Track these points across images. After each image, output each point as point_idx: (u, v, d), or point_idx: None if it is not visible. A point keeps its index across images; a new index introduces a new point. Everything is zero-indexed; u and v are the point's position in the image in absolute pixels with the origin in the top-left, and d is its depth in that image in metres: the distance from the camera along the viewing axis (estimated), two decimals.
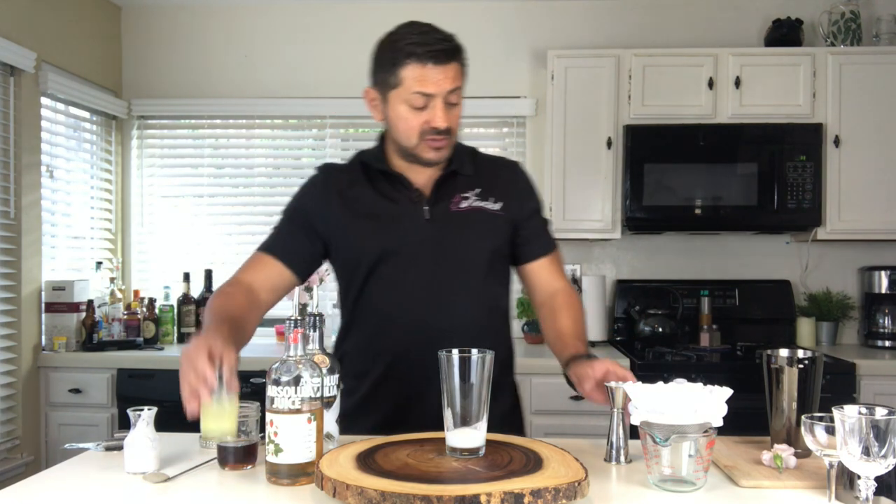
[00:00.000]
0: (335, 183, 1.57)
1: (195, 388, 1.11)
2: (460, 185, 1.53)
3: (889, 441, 0.94)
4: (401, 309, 1.49)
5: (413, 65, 1.41)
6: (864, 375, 2.76)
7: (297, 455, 1.13)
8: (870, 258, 3.35)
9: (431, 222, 1.50)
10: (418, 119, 1.44)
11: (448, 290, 1.48)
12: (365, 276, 1.51)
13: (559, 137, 3.13)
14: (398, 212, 1.51)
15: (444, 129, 1.43)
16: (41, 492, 1.15)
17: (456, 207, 1.51)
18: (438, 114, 1.42)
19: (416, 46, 1.41)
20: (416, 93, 1.42)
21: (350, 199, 1.54)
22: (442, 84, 1.41)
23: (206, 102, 3.56)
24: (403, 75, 1.42)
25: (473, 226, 1.51)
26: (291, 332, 1.17)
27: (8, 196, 2.82)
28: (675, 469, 1.13)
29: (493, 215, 1.53)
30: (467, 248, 1.50)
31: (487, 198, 1.53)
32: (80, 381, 2.92)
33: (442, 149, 1.47)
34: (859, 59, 3.07)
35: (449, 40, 1.44)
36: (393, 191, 1.53)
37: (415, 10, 3.61)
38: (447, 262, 1.48)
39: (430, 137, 1.45)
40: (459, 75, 1.45)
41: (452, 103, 1.45)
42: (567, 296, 1.59)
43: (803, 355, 1.31)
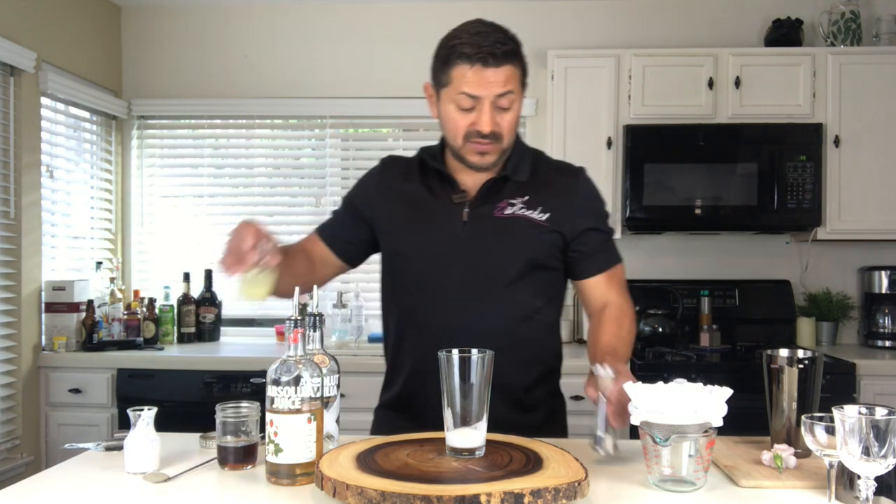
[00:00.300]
0: (390, 175, 1.59)
1: (239, 255, 1.26)
2: (509, 191, 1.50)
3: (889, 441, 0.94)
4: (427, 308, 1.49)
5: (462, 65, 1.38)
6: (864, 375, 2.76)
7: (297, 455, 1.13)
8: (870, 258, 3.35)
9: (468, 225, 1.48)
10: (465, 120, 1.42)
11: (474, 294, 1.46)
12: (399, 271, 1.54)
13: (559, 137, 3.13)
14: (438, 211, 1.51)
15: (488, 133, 1.41)
16: (41, 492, 1.15)
17: (499, 213, 1.48)
18: (484, 117, 1.40)
19: (466, 47, 1.39)
20: (462, 93, 1.39)
21: (399, 193, 1.55)
22: (490, 87, 1.38)
23: (206, 102, 3.56)
24: (453, 75, 1.40)
25: (511, 233, 1.47)
26: (291, 332, 1.17)
27: (8, 196, 2.82)
28: (675, 469, 1.13)
29: (536, 225, 1.48)
30: (499, 254, 1.47)
31: (535, 207, 1.49)
32: (80, 381, 2.92)
33: (487, 154, 1.44)
34: (859, 59, 3.07)
35: (503, 43, 1.39)
36: (440, 190, 1.53)
37: (415, 10, 3.63)
38: (477, 266, 1.46)
39: (474, 140, 1.42)
40: (513, 79, 1.40)
41: (503, 108, 1.41)
42: (616, 309, 1.53)
43: (803, 355, 1.31)
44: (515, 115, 1.45)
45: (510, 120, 1.43)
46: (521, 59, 1.44)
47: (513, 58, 1.40)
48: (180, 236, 3.59)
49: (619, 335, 1.48)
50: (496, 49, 1.38)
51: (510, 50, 1.40)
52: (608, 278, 1.55)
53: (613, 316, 1.52)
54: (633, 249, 3.46)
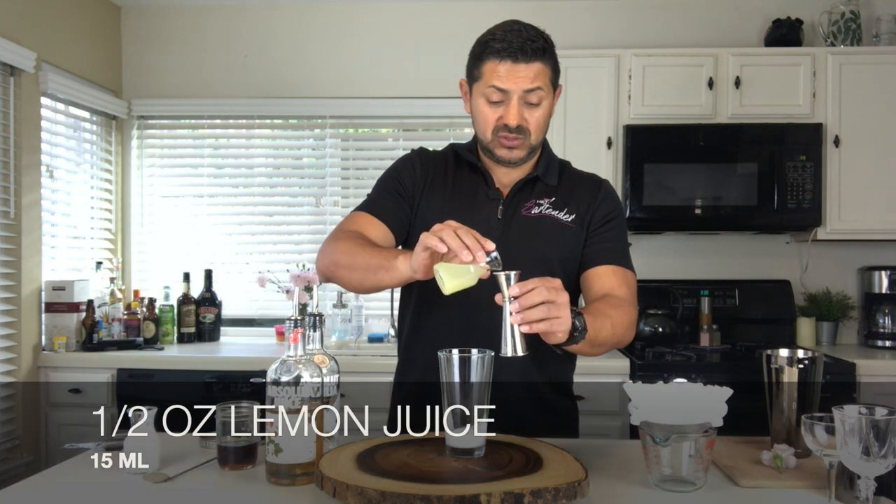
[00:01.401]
0: (429, 165, 1.60)
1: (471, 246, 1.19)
2: (538, 192, 1.54)
3: (889, 441, 0.94)
4: (459, 305, 1.47)
5: (493, 60, 1.43)
6: (864, 375, 2.76)
7: (297, 455, 1.13)
8: (870, 258, 3.35)
9: (502, 223, 1.51)
10: (494, 114, 1.46)
11: None
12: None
13: (559, 137, 3.13)
14: (474, 206, 1.52)
15: (515, 126, 1.44)
16: (41, 492, 1.15)
17: (527, 212, 1.51)
18: (511, 110, 1.43)
19: (498, 43, 1.44)
20: (492, 87, 1.43)
21: (437, 184, 1.56)
22: (518, 82, 1.42)
23: (206, 102, 3.56)
24: (484, 69, 1.45)
25: (540, 232, 1.50)
26: (291, 332, 1.17)
27: (8, 196, 2.82)
28: (675, 469, 1.13)
29: (563, 226, 1.51)
30: (530, 253, 1.48)
31: (562, 208, 1.52)
32: (80, 381, 2.92)
33: (514, 148, 1.47)
34: (859, 59, 3.07)
35: (534, 41, 1.44)
36: (474, 186, 1.55)
37: (415, 10, 3.63)
38: (509, 264, 1.47)
39: (502, 134, 1.46)
40: (542, 76, 1.43)
41: (532, 103, 1.44)
42: (618, 300, 1.44)
43: (803, 355, 1.31)
44: (545, 112, 1.47)
45: (539, 117, 1.46)
46: (553, 58, 1.47)
47: (543, 55, 1.44)
48: (180, 236, 3.59)
49: (606, 321, 1.35)
50: (527, 45, 1.43)
51: (540, 48, 1.44)
52: (617, 274, 1.50)
53: (612, 304, 1.42)
54: (633, 249, 3.43)
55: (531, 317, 1.16)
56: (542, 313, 1.16)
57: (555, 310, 1.17)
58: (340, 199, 3.57)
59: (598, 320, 1.32)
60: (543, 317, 1.16)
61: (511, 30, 1.46)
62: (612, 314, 1.37)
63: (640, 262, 3.53)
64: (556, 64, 1.49)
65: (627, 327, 1.42)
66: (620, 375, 2.78)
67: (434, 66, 3.37)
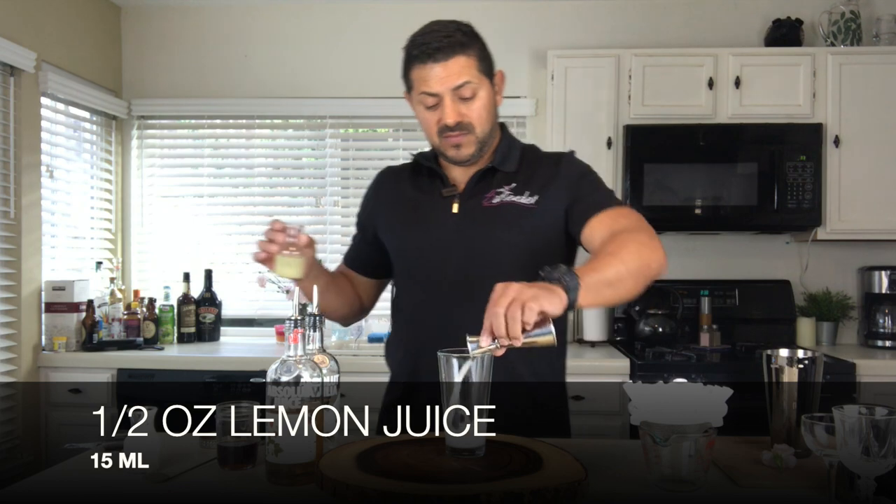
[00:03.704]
0: (385, 184, 1.64)
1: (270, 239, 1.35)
2: (497, 182, 1.52)
3: (889, 441, 0.94)
4: (427, 303, 1.50)
5: (416, 66, 1.43)
6: (864, 375, 2.76)
7: (297, 455, 1.13)
8: (870, 258, 3.35)
9: (459, 217, 1.50)
10: (433, 118, 1.45)
11: (474, 285, 1.43)
12: (399, 269, 1.57)
13: (559, 137, 3.13)
14: (429, 207, 1.53)
15: (454, 124, 1.43)
16: (41, 492, 1.15)
17: (488, 203, 1.50)
18: (446, 110, 1.43)
19: (415, 48, 1.42)
20: (423, 93, 1.43)
21: (394, 197, 1.59)
22: (444, 81, 1.41)
23: (206, 102, 3.56)
24: (412, 77, 1.45)
25: (502, 221, 1.48)
26: (291, 332, 1.17)
27: (8, 196, 2.82)
28: (675, 469, 1.13)
29: (526, 209, 1.48)
30: (493, 243, 1.47)
31: (522, 192, 1.49)
32: (80, 381, 2.92)
33: (461, 146, 1.46)
34: (859, 59, 3.07)
35: (449, 35, 1.41)
36: (430, 187, 1.56)
37: (415, 10, 3.62)
38: (473, 257, 1.47)
39: (446, 135, 1.45)
40: (468, 68, 1.42)
41: (466, 98, 1.43)
42: (618, 234, 1.33)
43: (803, 355, 1.31)
44: (483, 102, 1.45)
45: (477, 108, 1.45)
46: (477, 47, 1.44)
47: (461, 48, 1.41)
48: (180, 236, 3.59)
49: (602, 250, 1.30)
50: (443, 43, 1.40)
51: (457, 41, 1.41)
52: (608, 216, 1.41)
53: (611, 240, 1.33)
54: None
55: (515, 332, 1.09)
56: (515, 321, 1.09)
57: (515, 306, 1.09)
58: (340, 199, 3.57)
59: (596, 261, 1.26)
60: (519, 322, 1.09)
61: (427, 31, 1.43)
62: (612, 247, 1.29)
63: None
64: (484, 52, 1.46)
65: (642, 246, 1.30)
66: (620, 375, 2.78)
67: None
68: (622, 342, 3.29)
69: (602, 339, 3.22)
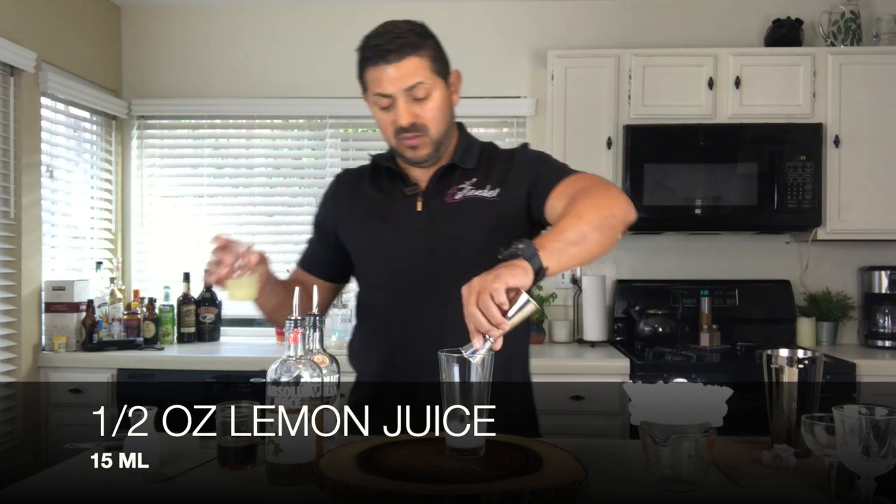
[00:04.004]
0: (344, 186, 1.63)
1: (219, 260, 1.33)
2: (458, 178, 1.52)
3: (889, 441, 0.94)
4: (396, 303, 1.50)
5: (369, 67, 1.43)
6: (864, 375, 2.76)
7: (297, 455, 1.13)
8: (870, 258, 3.35)
9: (424, 215, 1.50)
10: (388, 119, 1.45)
11: (442, 282, 1.45)
12: (364, 271, 1.56)
13: (559, 137, 3.13)
14: (391, 207, 1.53)
15: (408, 125, 1.43)
16: (41, 492, 1.15)
17: (450, 199, 1.50)
18: (399, 112, 1.42)
19: (367, 49, 1.42)
20: (376, 94, 1.43)
21: (354, 199, 1.57)
22: (396, 82, 1.40)
23: (206, 102, 3.56)
24: (366, 79, 1.45)
25: (466, 215, 1.49)
26: (291, 332, 1.17)
27: (8, 196, 2.82)
28: (675, 469, 1.13)
29: (489, 202, 1.49)
30: (457, 239, 1.48)
31: (483, 186, 1.50)
32: (80, 381, 2.92)
33: (417, 147, 1.46)
34: (859, 59, 3.07)
35: (401, 37, 1.40)
36: (391, 187, 1.55)
37: (414, 10, 3.62)
38: (440, 253, 1.48)
39: (402, 136, 1.45)
40: (421, 69, 1.41)
41: (419, 98, 1.42)
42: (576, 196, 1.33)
43: (803, 355, 1.31)
44: (437, 103, 1.45)
45: (431, 109, 1.44)
46: (430, 47, 1.43)
47: (413, 49, 1.40)
48: (180, 236, 3.59)
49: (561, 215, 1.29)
50: (395, 44, 1.39)
51: (409, 42, 1.40)
52: (566, 184, 1.41)
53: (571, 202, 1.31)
54: (633, 249, 3.46)
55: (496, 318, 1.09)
56: (490, 308, 1.09)
57: (483, 296, 1.09)
58: None
59: (557, 225, 1.25)
60: (494, 308, 1.09)
61: (380, 32, 1.43)
62: (570, 209, 1.28)
63: (641, 262, 3.57)
64: (438, 52, 1.45)
65: (600, 198, 1.30)
66: (620, 375, 2.78)
67: None
68: (622, 342, 3.29)
69: (602, 339, 3.22)
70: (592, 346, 3.19)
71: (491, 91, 3.43)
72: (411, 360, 1.47)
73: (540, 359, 2.90)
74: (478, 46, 3.44)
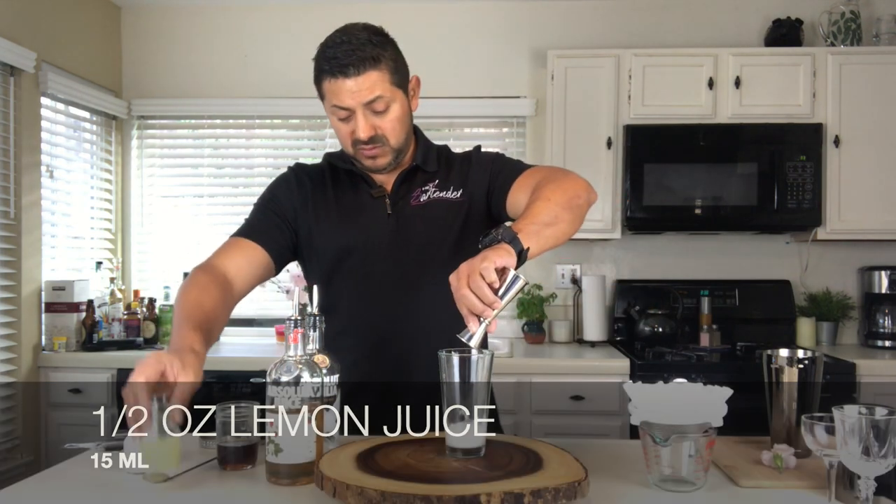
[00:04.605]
0: (305, 181, 1.58)
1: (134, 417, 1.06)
2: (421, 180, 1.53)
3: (889, 441, 0.94)
4: (368, 305, 1.49)
5: (327, 79, 1.40)
6: (864, 375, 2.76)
7: (297, 455, 1.13)
8: (870, 258, 3.35)
9: (393, 217, 1.50)
10: (346, 129, 1.44)
11: (414, 283, 1.47)
12: (329, 272, 1.52)
13: (559, 137, 3.13)
14: (361, 209, 1.52)
15: (367, 139, 1.42)
16: (41, 492, 1.15)
17: (416, 201, 1.51)
18: (359, 124, 1.41)
19: (325, 61, 1.39)
20: (334, 106, 1.42)
21: (317, 199, 1.55)
22: (355, 97, 1.38)
23: (206, 102, 3.56)
24: (324, 88, 1.43)
25: (433, 217, 1.49)
26: (291, 332, 1.17)
27: (8, 196, 2.82)
28: (675, 469, 1.13)
29: (454, 203, 1.50)
30: (429, 239, 1.48)
31: (447, 188, 1.52)
32: (80, 381, 2.92)
33: (376, 157, 1.45)
34: (859, 59, 3.07)
35: (360, 50, 1.37)
36: (356, 190, 1.54)
37: (414, 10, 3.63)
38: (411, 255, 1.48)
39: (361, 147, 1.44)
40: (380, 83, 1.38)
41: (378, 111, 1.41)
42: (544, 179, 1.35)
43: (803, 355, 1.31)
44: (396, 114, 1.43)
45: (391, 120, 1.43)
46: (389, 59, 1.41)
47: (373, 63, 1.37)
48: (180, 236, 3.59)
49: (528, 202, 1.31)
50: (354, 57, 1.36)
51: (367, 56, 1.37)
52: (526, 177, 1.43)
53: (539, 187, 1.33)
54: (633, 249, 3.46)
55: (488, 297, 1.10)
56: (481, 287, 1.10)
57: (473, 277, 1.10)
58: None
59: (527, 210, 1.26)
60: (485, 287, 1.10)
61: (337, 43, 1.39)
62: (535, 195, 1.31)
63: (641, 262, 3.57)
64: (397, 62, 1.42)
65: (561, 182, 1.33)
66: (620, 375, 2.78)
67: (432, 66, 3.36)
68: (622, 342, 3.29)
69: (602, 339, 3.22)
70: (592, 346, 3.19)
71: (491, 91, 3.43)
72: (385, 360, 1.47)
73: (540, 359, 2.91)
74: (478, 46, 3.44)
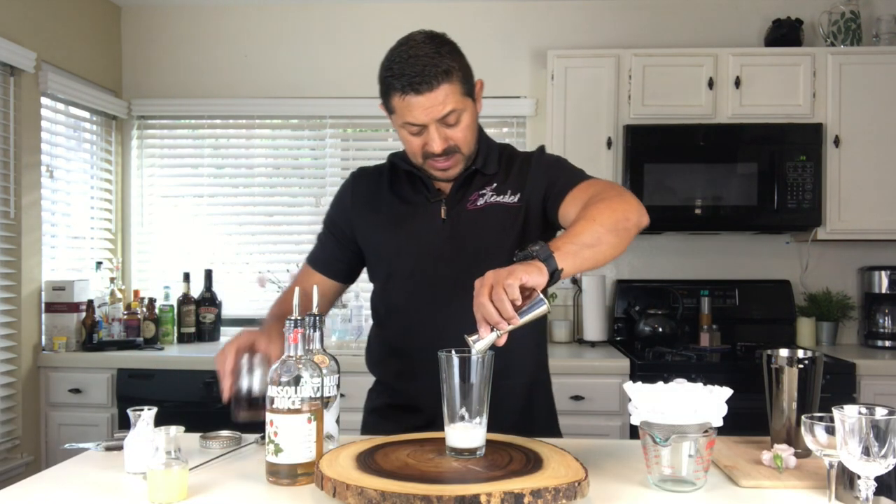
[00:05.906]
0: (360, 187, 1.60)
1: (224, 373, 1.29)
2: (479, 184, 1.52)
3: (889, 441, 0.94)
4: (420, 308, 1.49)
5: (398, 96, 1.37)
6: (864, 375, 2.76)
7: (297, 455, 1.13)
8: (870, 258, 3.35)
9: (448, 221, 1.49)
10: (418, 142, 1.42)
11: (463, 290, 1.46)
12: (386, 277, 1.55)
13: (559, 137, 3.13)
14: (416, 212, 1.52)
15: (441, 152, 1.41)
16: (41, 492, 1.15)
17: (473, 205, 1.50)
18: (432, 137, 1.40)
19: (395, 79, 1.36)
20: (406, 122, 1.40)
21: (374, 201, 1.56)
22: (430, 112, 1.37)
23: (206, 102, 3.56)
24: (393, 105, 1.40)
25: (489, 222, 1.48)
26: (291, 332, 1.17)
27: (8, 196, 2.82)
28: (675, 469, 1.13)
29: (511, 208, 1.49)
30: (484, 244, 1.47)
31: (504, 192, 1.50)
32: (80, 381, 2.92)
33: (447, 168, 1.46)
34: (859, 59, 3.07)
35: (434, 65, 1.35)
36: (414, 192, 1.54)
37: (414, 10, 3.63)
38: (465, 260, 1.46)
39: (432, 160, 1.44)
40: (452, 96, 1.37)
41: (451, 124, 1.40)
42: (589, 200, 1.33)
43: (803, 355, 1.31)
44: (467, 124, 1.43)
45: (462, 130, 1.42)
46: (459, 70, 1.40)
47: (445, 77, 1.36)
48: (180, 236, 3.59)
49: (575, 219, 1.29)
50: (426, 73, 1.34)
51: (441, 70, 1.35)
52: (580, 189, 1.41)
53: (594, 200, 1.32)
54: (633, 249, 3.46)
55: (507, 311, 1.10)
56: (503, 301, 1.09)
57: (497, 289, 1.10)
58: None
59: (571, 228, 1.25)
60: (507, 302, 1.09)
61: (406, 59, 1.36)
62: (584, 213, 1.29)
63: (641, 262, 3.57)
64: (464, 71, 1.41)
65: (613, 202, 1.30)
66: (620, 375, 2.78)
67: None
68: (622, 342, 3.29)
69: (602, 339, 3.22)
70: (592, 346, 3.19)
71: (491, 91, 3.37)
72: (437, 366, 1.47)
73: None
74: (478, 46, 3.42)
